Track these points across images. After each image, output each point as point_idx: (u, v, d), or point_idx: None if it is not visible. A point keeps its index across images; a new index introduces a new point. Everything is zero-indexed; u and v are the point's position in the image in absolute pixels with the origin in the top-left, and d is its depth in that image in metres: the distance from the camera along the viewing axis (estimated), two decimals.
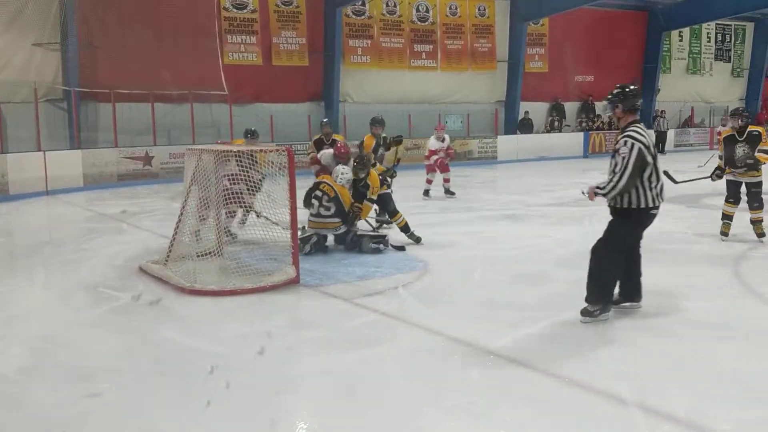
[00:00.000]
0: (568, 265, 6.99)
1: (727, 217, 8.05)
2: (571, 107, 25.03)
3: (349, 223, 7.74)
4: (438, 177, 12.79)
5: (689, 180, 8.45)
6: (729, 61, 28.97)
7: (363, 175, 7.89)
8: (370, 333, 5.03)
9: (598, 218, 6.59)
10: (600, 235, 5.20)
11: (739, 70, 29.22)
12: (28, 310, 5.92)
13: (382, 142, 9.62)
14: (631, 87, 5.14)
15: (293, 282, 6.27)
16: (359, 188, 7.93)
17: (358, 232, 7.84)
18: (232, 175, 6.98)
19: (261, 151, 6.97)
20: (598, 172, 17.84)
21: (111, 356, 4.64)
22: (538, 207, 11.24)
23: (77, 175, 15.12)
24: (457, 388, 3.98)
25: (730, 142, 7.92)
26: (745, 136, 7.72)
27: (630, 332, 4.88)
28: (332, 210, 7.54)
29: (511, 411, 3.64)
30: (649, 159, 4.92)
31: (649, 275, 6.51)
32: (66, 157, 15.22)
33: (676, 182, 8.33)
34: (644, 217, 5.05)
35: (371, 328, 5.17)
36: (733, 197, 7.98)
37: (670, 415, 3.50)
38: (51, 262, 7.78)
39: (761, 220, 7.80)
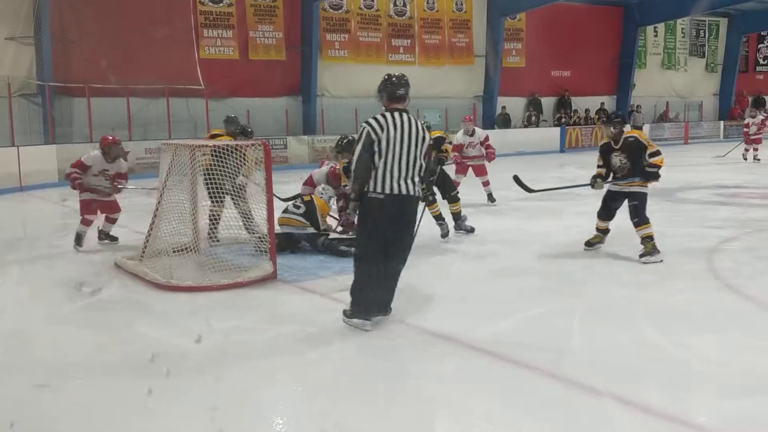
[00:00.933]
0: (543, 259, 7.04)
1: (600, 231, 7.19)
2: (547, 102, 25.18)
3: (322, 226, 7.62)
4: (470, 180, 11.16)
5: (548, 189, 8.09)
6: (703, 57, 29.31)
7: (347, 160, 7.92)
8: (347, 327, 5.00)
9: (573, 213, 6.65)
10: (574, 228, 5.27)
11: (713, 65, 29.57)
12: (1, 306, 5.83)
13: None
14: (395, 76, 4.90)
15: (270, 277, 6.25)
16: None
17: (330, 236, 7.62)
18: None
19: (237, 145, 6.92)
20: (575, 166, 17.99)
21: (84, 352, 4.60)
22: (514, 201, 11.28)
23: (52, 170, 14.93)
24: (434, 380, 3.99)
25: (606, 151, 7.01)
26: (620, 144, 6.82)
27: (604, 324, 4.92)
28: (301, 210, 7.47)
29: (488, 402, 3.65)
30: (377, 145, 4.71)
31: (624, 268, 6.61)
32: (40, 153, 15.03)
33: (530, 191, 7.78)
34: (373, 202, 4.76)
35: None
36: (603, 210, 7.12)
37: (644, 406, 3.53)
38: (25, 258, 7.68)
39: (649, 237, 6.74)
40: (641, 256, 6.69)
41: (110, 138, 8.14)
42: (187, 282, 6.08)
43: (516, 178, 7.70)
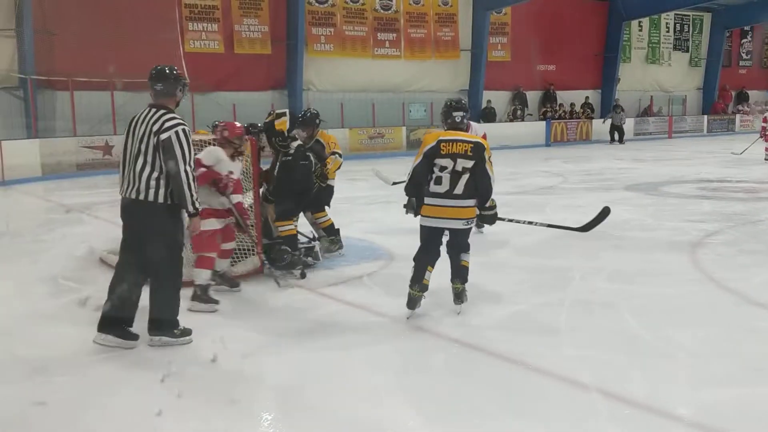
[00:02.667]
0: (530, 253, 7.08)
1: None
2: (533, 96, 25.24)
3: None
4: None
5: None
6: (687, 51, 29.46)
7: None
8: (334, 322, 5.03)
9: (557, 206, 6.68)
10: (559, 221, 5.20)
11: (696, 59, 29.73)
12: None
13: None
14: (152, 72, 4.60)
15: (258, 272, 6.24)
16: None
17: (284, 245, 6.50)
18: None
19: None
20: (560, 160, 18.10)
21: (69, 349, 4.56)
22: (500, 195, 11.27)
23: (35, 164, 14.81)
24: (420, 375, 4.01)
25: None
26: None
27: (589, 318, 4.96)
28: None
29: (474, 398, 3.67)
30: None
31: (609, 262, 6.65)
32: (23, 147, 14.90)
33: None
34: None
35: (336, 317, 5.17)
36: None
37: (629, 399, 3.57)
38: (8, 253, 7.62)
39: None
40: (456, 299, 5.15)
41: (238, 126, 5.81)
42: None
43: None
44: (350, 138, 19.66)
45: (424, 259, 5.07)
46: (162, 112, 4.43)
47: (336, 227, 7.09)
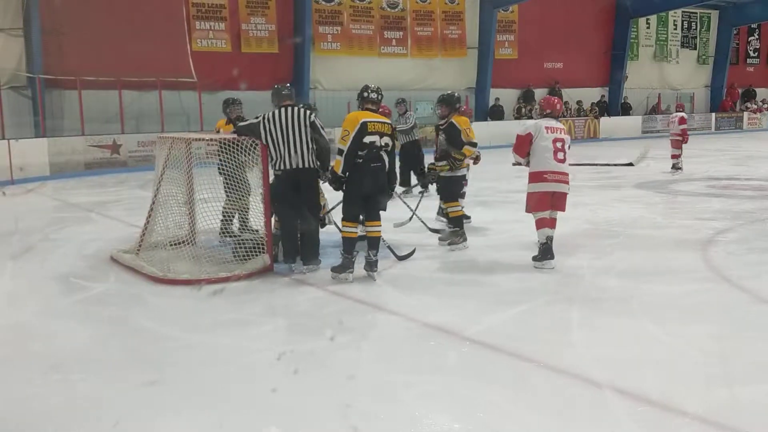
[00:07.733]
0: None
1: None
2: (541, 94, 25.19)
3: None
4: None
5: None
6: (695, 49, 29.39)
7: None
8: (345, 320, 5.02)
9: (568, 204, 6.67)
10: (570, 219, 5.19)
11: (704, 57, 29.65)
12: None
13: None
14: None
15: (267, 270, 6.25)
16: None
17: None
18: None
19: (236, 140, 6.88)
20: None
21: (84, 346, 4.59)
22: (509, 193, 11.29)
23: (43, 163, 14.86)
24: (433, 373, 4.00)
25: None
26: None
27: (602, 316, 4.95)
28: None
29: (488, 395, 3.67)
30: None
31: (619, 260, 6.64)
32: (31, 146, 14.94)
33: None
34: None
35: (346, 315, 5.16)
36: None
37: (644, 398, 3.55)
38: (19, 252, 7.63)
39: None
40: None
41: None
42: (184, 275, 6.07)
43: None
44: None
45: None
46: (300, 106, 6.46)
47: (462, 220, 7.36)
